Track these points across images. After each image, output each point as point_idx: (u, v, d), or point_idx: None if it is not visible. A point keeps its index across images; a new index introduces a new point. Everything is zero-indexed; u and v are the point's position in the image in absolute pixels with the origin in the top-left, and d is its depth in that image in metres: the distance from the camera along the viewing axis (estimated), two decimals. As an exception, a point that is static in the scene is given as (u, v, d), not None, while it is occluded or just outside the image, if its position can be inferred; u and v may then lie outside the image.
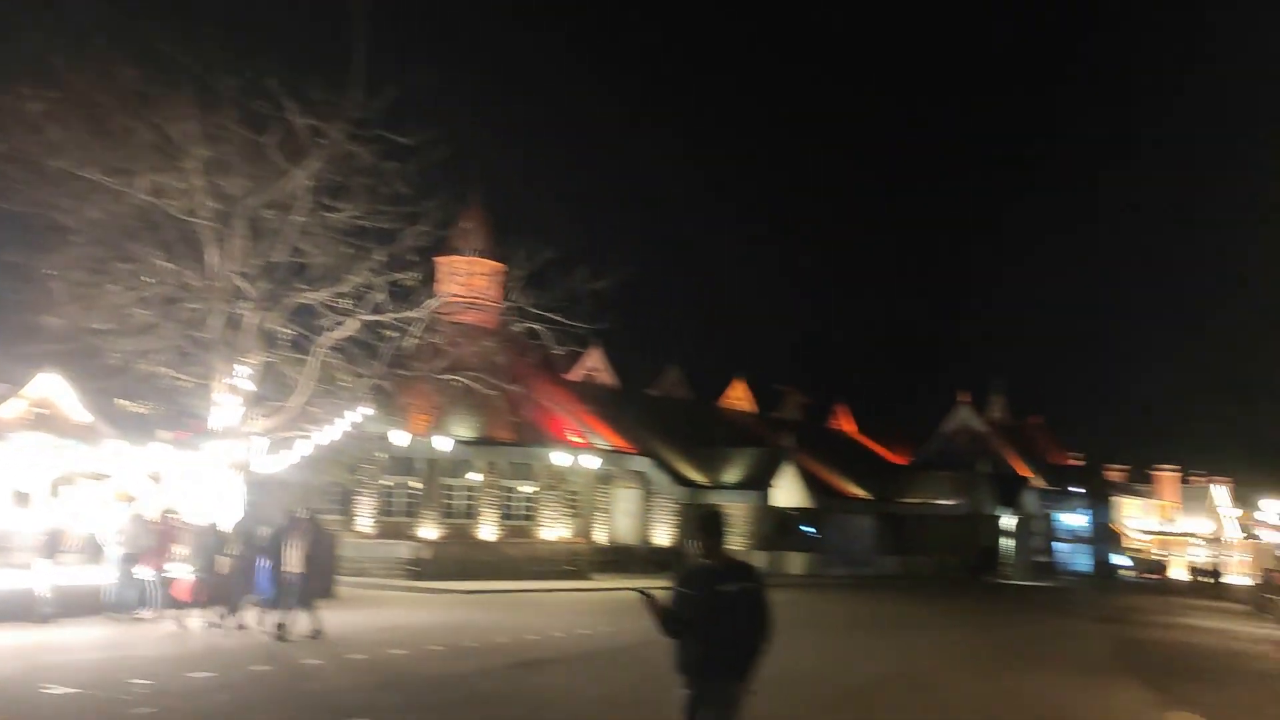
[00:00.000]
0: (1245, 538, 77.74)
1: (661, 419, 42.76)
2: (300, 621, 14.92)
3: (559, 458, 34.80)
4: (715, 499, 39.49)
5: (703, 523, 5.56)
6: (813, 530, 43.80)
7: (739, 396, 54.19)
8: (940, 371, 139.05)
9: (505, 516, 33.76)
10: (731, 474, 40.80)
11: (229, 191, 19.55)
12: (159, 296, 20.02)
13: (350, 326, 21.00)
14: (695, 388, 51.91)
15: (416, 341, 22.74)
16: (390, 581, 27.01)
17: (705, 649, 5.24)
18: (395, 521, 32.18)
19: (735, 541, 39.03)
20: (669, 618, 5.32)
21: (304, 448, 22.00)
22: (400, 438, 28.97)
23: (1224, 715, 12.25)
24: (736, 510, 39.74)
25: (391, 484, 32.90)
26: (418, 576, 28.06)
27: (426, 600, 23.24)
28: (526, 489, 34.44)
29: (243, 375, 20.56)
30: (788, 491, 41.68)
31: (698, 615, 5.24)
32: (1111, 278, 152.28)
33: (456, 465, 33.08)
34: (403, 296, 21.35)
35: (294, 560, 15.07)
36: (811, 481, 43.48)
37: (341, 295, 20.65)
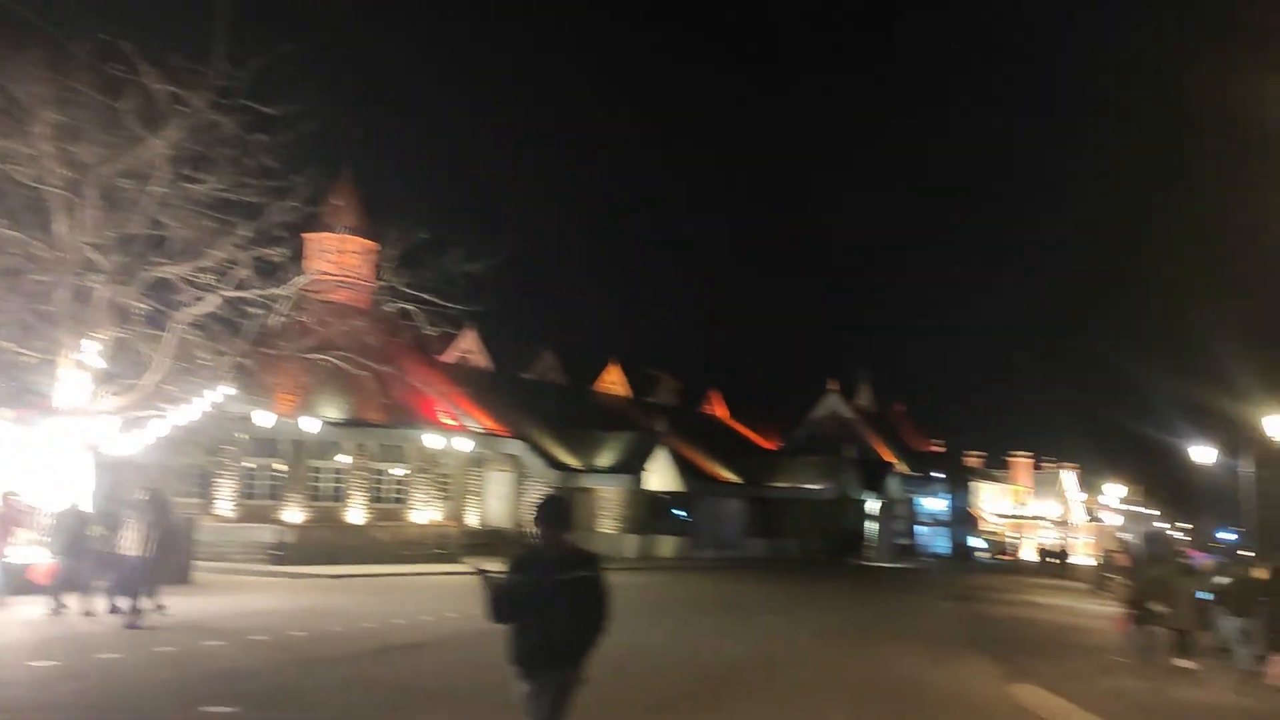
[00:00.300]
0: (1089, 520, 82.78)
1: (536, 402, 42.72)
2: (144, 605, 14.52)
3: (431, 440, 34.52)
4: (588, 482, 40.06)
5: (546, 509, 5.40)
6: (684, 514, 44.41)
7: (613, 381, 54.46)
8: (810, 359, 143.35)
9: (375, 499, 33.41)
10: (605, 458, 41.00)
11: (82, 159, 18.61)
12: (1, 267, 18.95)
13: (211, 303, 20.31)
14: (570, 372, 51.94)
15: (283, 319, 22.15)
16: (252, 567, 26.31)
17: (537, 638, 5.14)
18: (258, 505, 31.41)
19: (608, 525, 39.84)
20: (499, 602, 5.23)
21: (160, 428, 21.21)
22: (264, 418, 28.18)
23: (1060, 684, 13.10)
24: (609, 494, 40.29)
25: (254, 466, 32.07)
26: (281, 561, 27.43)
27: (290, 585, 22.74)
28: (397, 471, 34.15)
29: (92, 351, 19.66)
30: (660, 475, 42.11)
31: (530, 603, 5.14)
32: (974, 275, 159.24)
33: (324, 447, 32.44)
34: (269, 273, 20.76)
35: (134, 543, 14.62)
36: (683, 466, 44.00)
37: (202, 270, 19.93)
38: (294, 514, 31.21)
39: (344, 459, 33.00)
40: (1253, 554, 20.96)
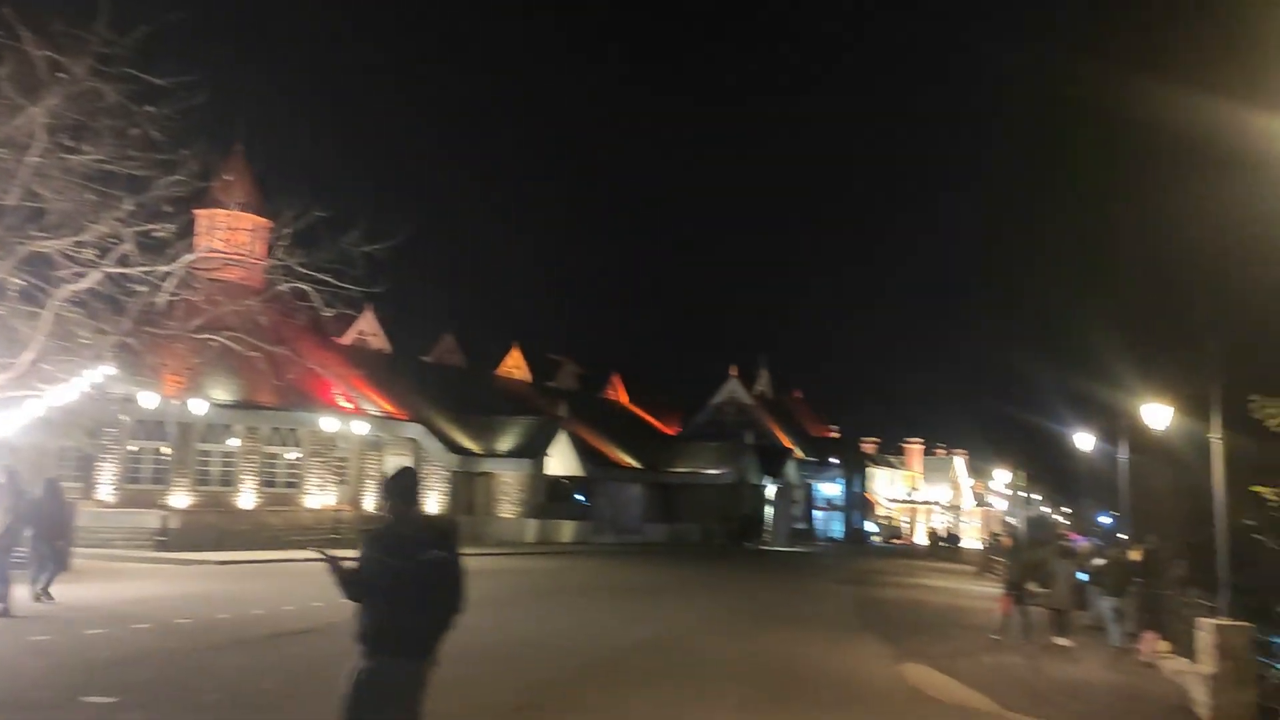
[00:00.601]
0: (978, 505, 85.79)
1: (435, 386, 42.47)
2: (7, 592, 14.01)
3: (326, 423, 34.02)
4: (488, 467, 40.06)
5: (394, 483, 5.11)
6: (584, 499, 44.61)
7: (515, 365, 54.30)
8: (711, 346, 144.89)
9: (267, 484, 32.84)
10: (505, 442, 40.88)
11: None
12: None
13: (92, 279, 19.47)
14: (471, 355, 51.58)
15: (170, 298, 21.37)
16: (135, 554, 25.45)
17: (384, 620, 4.81)
18: (142, 489, 30.57)
19: (508, 509, 39.91)
20: (350, 582, 4.92)
21: (36, 409, 20.30)
22: (149, 400, 27.24)
23: (946, 663, 13.65)
24: (509, 478, 40.26)
25: (138, 449, 31.10)
26: (166, 548, 26.63)
27: (176, 572, 22.08)
28: (291, 455, 33.57)
29: (-38, 328, 18.67)
30: (561, 460, 42.19)
31: (379, 582, 4.82)
32: (871, 266, 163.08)
33: (213, 430, 31.68)
34: (155, 249, 19.97)
35: None
36: (584, 450, 44.16)
37: (82, 245, 19.08)
38: (180, 499, 30.36)
39: (234, 442, 32.25)
40: (1128, 537, 21.95)
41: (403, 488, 5.07)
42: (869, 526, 70.41)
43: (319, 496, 34.21)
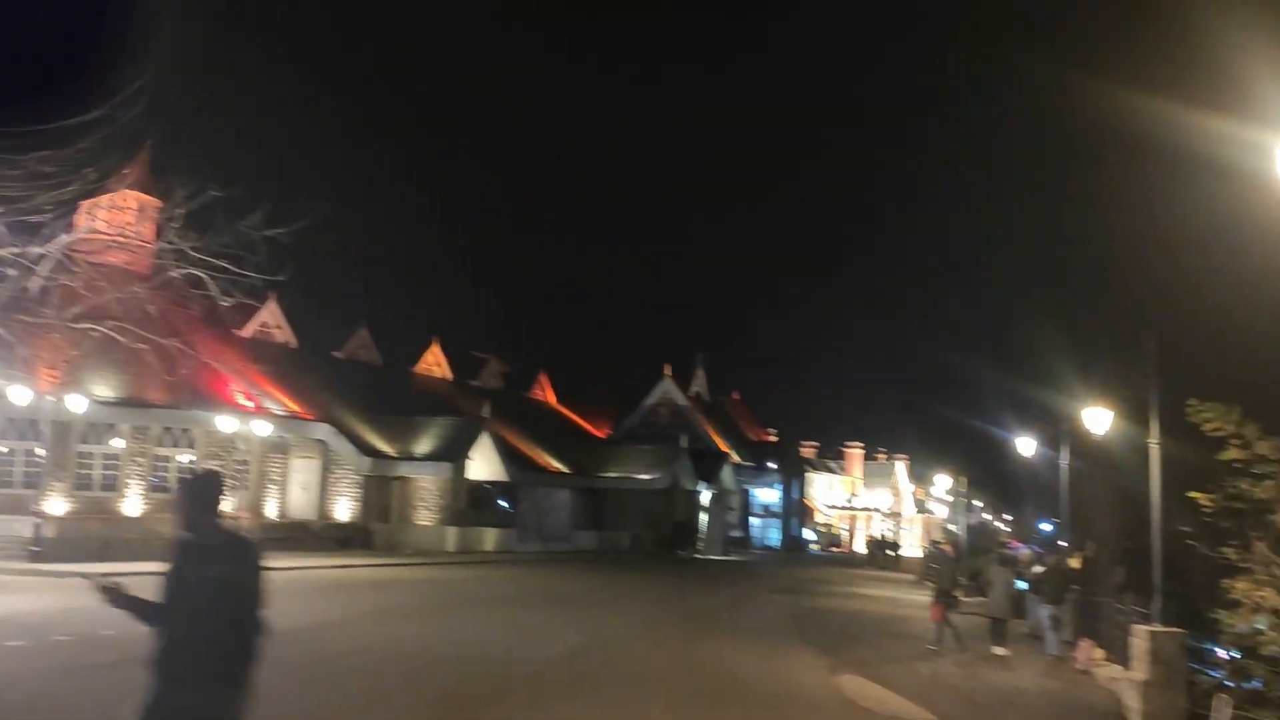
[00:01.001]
0: (919, 511, 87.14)
1: (347, 383, 42.09)
2: None
3: (224, 423, 33.35)
4: (405, 471, 39.69)
5: (190, 489, 4.82)
6: (508, 505, 44.43)
7: (435, 362, 53.80)
8: (644, 345, 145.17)
9: (156, 489, 32.21)
10: (424, 444, 40.55)
11: None
12: None
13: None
14: (386, 351, 50.79)
15: (44, 283, 20.74)
16: (7, 564, 24.70)
17: (179, 642, 4.51)
18: (14, 494, 29.72)
19: (426, 516, 39.53)
20: (144, 607, 4.62)
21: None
22: (21, 395, 26.42)
23: (881, 673, 13.95)
24: (428, 483, 39.92)
25: (8, 450, 30.20)
26: (41, 558, 25.87)
27: (54, 585, 21.44)
28: (184, 458, 33.04)
29: None
30: (483, 464, 41.92)
31: (174, 601, 4.54)
32: (810, 264, 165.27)
33: (95, 429, 30.91)
34: (28, 230, 19.38)
35: None
36: (509, 453, 43.87)
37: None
38: (57, 505, 29.59)
39: (118, 443, 31.49)
40: (1067, 545, 22.55)
41: (202, 494, 4.82)
42: (807, 534, 71.07)
43: (215, 503, 33.47)
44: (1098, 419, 16.43)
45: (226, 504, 5.10)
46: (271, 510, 35.83)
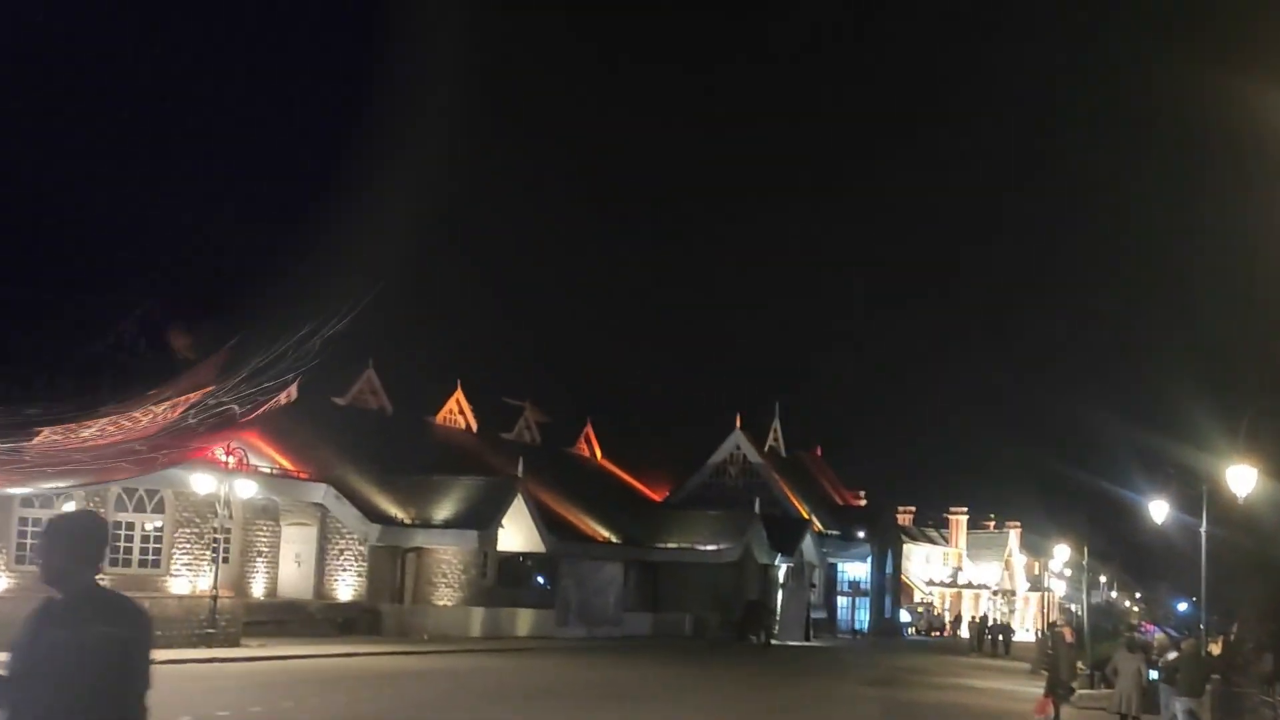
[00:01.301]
0: (1033, 589, 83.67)
1: (350, 436, 40.75)
2: None
3: (200, 482, 31.13)
4: (422, 540, 38.53)
5: (55, 533, 4.44)
6: (546, 581, 43.22)
7: (457, 411, 52.76)
8: (707, 390, 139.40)
9: (117, 562, 30.83)
10: (444, 509, 38.82)
11: None
12: None
13: None
14: (398, 398, 49.26)
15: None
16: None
17: (42, 716, 4.20)
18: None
19: (446, 595, 38.32)
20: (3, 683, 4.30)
21: None
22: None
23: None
24: (449, 556, 38.75)
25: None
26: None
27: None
28: (150, 525, 32.14)
29: None
30: (516, 532, 40.31)
31: (20, 677, 4.20)
32: (903, 304, 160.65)
33: (42, 495, 28.71)
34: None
35: None
36: (547, 520, 42.16)
37: None
38: (-8, 582, 28.37)
39: (70, 506, 28.71)
40: (1207, 627, 23.18)
41: (74, 541, 4.42)
42: (903, 615, 69.62)
43: (189, 579, 32.22)
44: (1243, 478, 16.62)
45: (105, 557, 4.53)
46: (258, 588, 34.79)
